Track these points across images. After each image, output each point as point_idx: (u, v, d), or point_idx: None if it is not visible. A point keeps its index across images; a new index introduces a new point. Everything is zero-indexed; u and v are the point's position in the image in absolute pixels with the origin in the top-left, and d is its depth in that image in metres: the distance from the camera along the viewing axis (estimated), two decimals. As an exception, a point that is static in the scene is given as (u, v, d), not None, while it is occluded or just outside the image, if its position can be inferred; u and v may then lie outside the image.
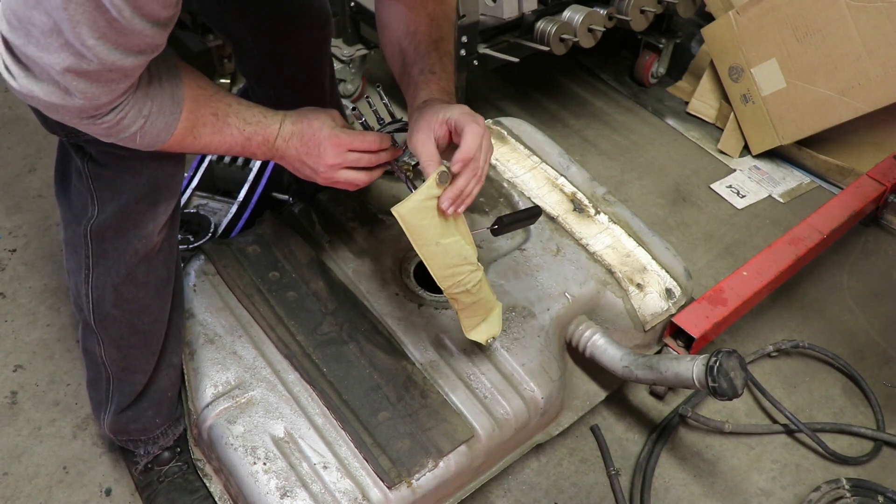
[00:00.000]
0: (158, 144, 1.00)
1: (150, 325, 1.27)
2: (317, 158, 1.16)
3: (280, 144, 1.15)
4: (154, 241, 1.17)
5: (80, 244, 1.15)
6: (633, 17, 2.27)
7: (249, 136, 1.10)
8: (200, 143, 1.06)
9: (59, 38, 0.77)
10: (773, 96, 2.31)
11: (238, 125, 1.09)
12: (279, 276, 1.54)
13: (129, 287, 1.19)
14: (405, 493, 1.27)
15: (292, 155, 1.16)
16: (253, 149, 1.13)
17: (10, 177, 2.20)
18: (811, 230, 1.85)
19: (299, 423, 1.33)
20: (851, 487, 1.52)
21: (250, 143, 1.11)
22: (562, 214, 1.75)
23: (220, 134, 1.07)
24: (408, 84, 1.25)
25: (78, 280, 1.20)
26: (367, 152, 1.19)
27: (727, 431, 1.64)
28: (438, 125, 1.13)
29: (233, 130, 1.08)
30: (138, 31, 0.79)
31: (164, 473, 1.43)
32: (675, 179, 2.37)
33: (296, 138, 1.15)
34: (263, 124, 1.12)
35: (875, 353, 1.87)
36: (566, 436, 1.63)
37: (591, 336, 1.55)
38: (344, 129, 1.18)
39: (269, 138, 1.13)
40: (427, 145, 1.13)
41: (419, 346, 1.46)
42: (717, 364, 1.31)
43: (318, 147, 1.16)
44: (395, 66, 1.30)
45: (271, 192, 1.99)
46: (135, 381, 1.32)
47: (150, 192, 1.11)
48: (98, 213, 1.11)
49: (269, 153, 1.16)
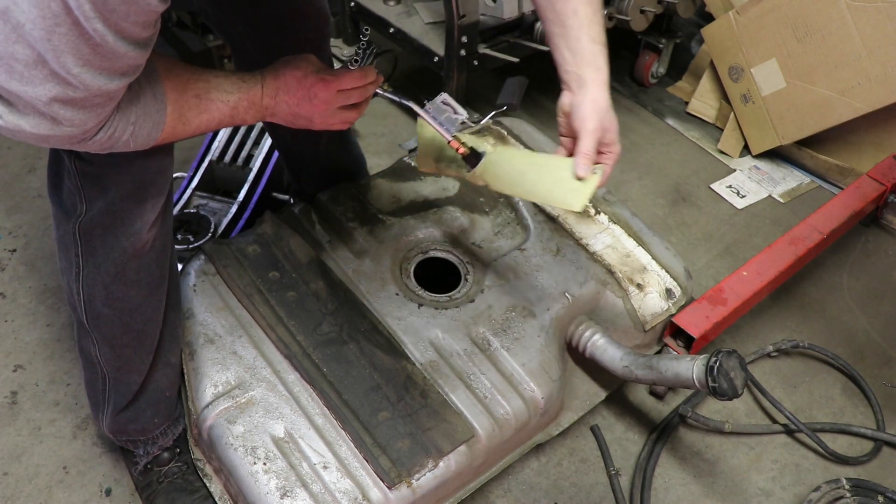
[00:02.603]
0: (152, 142, 1.01)
1: (144, 325, 1.26)
2: (309, 106, 1.17)
3: (268, 102, 1.15)
4: (143, 239, 1.16)
5: (70, 242, 1.15)
6: (632, 17, 2.28)
7: (235, 105, 1.11)
8: (192, 127, 1.06)
9: (44, 69, 0.77)
10: (773, 96, 2.31)
11: (221, 98, 1.09)
12: (279, 276, 1.54)
13: (120, 285, 1.19)
14: (405, 493, 1.27)
15: (284, 110, 1.17)
16: (243, 115, 1.13)
17: (9, 177, 2.20)
18: (811, 230, 1.85)
19: (299, 423, 1.33)
20: (851, 487, 1.52)
21: (238, 110, 1.12)
22: (562, 214, 1.75)
23: (208, 112, 1.07)
24: (571, 48, 1.17)
25: (70, 278, 1.19)
26: (355, 89, 1.21)
27: (727, 431, 1.64)
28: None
29: (218, 105, 1.08)
30: (121, 54, 0.79)
31: (163, 474, 1.43)
32: (675, 179, 2.37)
33: (282, 92, 1.15)
34: (245, 88, 1.12)
35: (875, 352, 1.87)
36: (566, 436, 1.63)
37: (591, 336, 1.55)
38: (327, 70, 1.19)
39: (255, 100, 1.13)
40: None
41: (419, 346, 1.46)
42: (717, 364, 1.31)
43: (307, 94, 1.16)
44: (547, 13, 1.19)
45: (271, 192, 1.99)
46: (130, 381, 1.32)
47: (136, 189, 1.10)
48: (86, 211, 1.11)
49: (260, 114, 1.16)
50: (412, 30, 2.36)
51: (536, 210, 1.74)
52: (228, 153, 2.03)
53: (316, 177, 1.80)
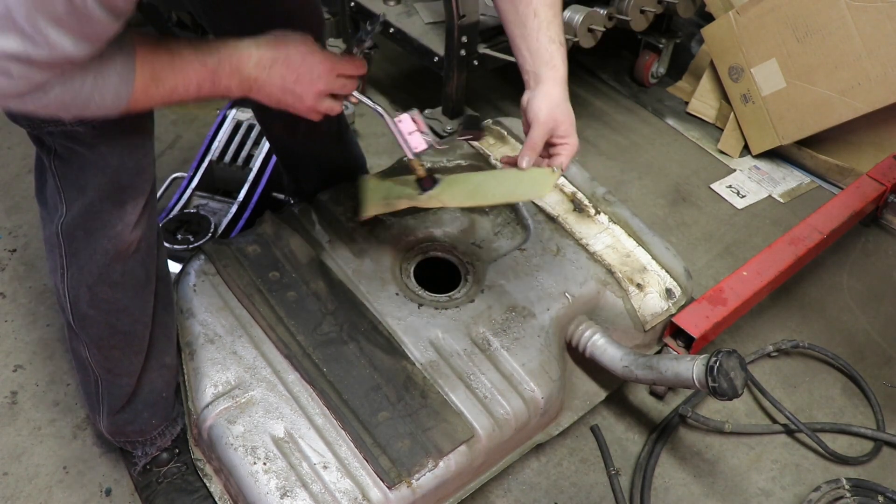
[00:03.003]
0: (122, 101, 0.94)
1: (131, 326, 1.25)
2: (307, 85, 1.12)
3: (256, 73, 1.08)
4: (126, 240, 1.14)
5: (55, 243, 1.14)
6: (633, 17, 2.27)
7: (215, 69, 1.04)
8: (166, 89, 0.99)
9: (9, 22, 0.74)
10: (773, 96, 2.31)
11: (199, 59, 1.02)
12: (279, 276, 1.54)
13: (104, 287, 1.17)
14: (405, 493, 1.27)
15: (275, 83, 1.10)
16: (224, 81, 1.06)
17: (9, 177, 2.20)
18: (811, 230, 1.85)
19: (299, 423, 1.33)
20: (851, 487, 1.52)
21: (218, 76, 1.04)
22: (562, 214, 1.75)
23: (183, 73, 1.00)
24: (531, 48, 1.21)
25: (56, 279, 1.19)
26: (350, 77, 1.18)
27: (727, 431, 1.64)
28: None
29: (195, 66, 1.02)
30: (96, 19, 0.76)
31: (163, 474, 1.43)
32: (675, 179, 2.37)
33: (280, 64, 1.09)
34: (228, 52, 1.05)
35: (875, 353, 1.87)
36: (566, 436, 1.63)
37: (591, 336, 1.55)
38: (328, 52, 1.16)
39: (240, 66, 1.06)
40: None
41: (419, 346, 1.46)
42: (717, 364, 1.31)
43: (309, 72, 1.11)
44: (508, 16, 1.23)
45: (271, 192, 1.99)
46: (122, 383, 1.31)
47: (114, 190, 1.08)
48: (67, 212, 1.10)
49: (244, 85, 1.08)
50: (412, 30, 2.36)
51: (536, 210, 1.74)
52: (228, 153, 2.03)
53: (315, 177, 1.80)
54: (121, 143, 1.06)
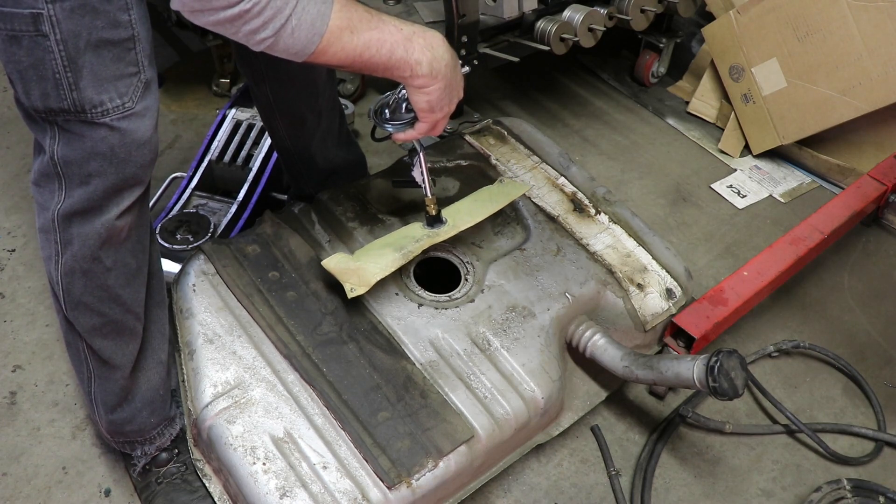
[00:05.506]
0: (316, 37, 0.97)
1: (122, 315, 1.25)
2: (457, 92, 1.21)
3: (447, 60, 1.14)
4: (117, 226, 1.15)
5: (50, 229, 1.15)
6: (633, 16, 2.27)
7: (410, 37, 1.09)
8: (361, 42, 1.02)
9: None
10: (774, 96, 2.31)
11: (394, 22, 1.06)
12: (279, 276, 1.54)
13: (97, 272, 1.19)
14: (405, 494, 1.26)
15: (447, 78, 1.16)
16: (416, 54, 1.10)
17: (9, 177, 2.20)
18: (812, 230, 1.85)
19: (299, 423, 1.33)
20: (852, 488, 1.52)
21: (412, 44, 1.09)
22: (562, 214, 1.75)
23: (379, 30, 1.04)
24: None
25: (50, 267, 1.20)
26: None
27: (728, 432, 1.64)
28: None
29: (391, 28, 1.06)
30: None
31: (162, 474, 1.43)
32: (676, 179, 2.37)
33: (452, 65, 1.17)
34: (420, 28, 1.11)
35: (876, 353, 1.86)
36: (566, 436, 1.62)
37: (592, 336, 1.55)
38: None
39: (433, 45, 1.12)
40: None
41: (419, 346, 1.46)
42: (717, 364, 1.30)
43: (459, 83, 1.22)
44: None
45: (271, 192, 1.99)
46: (115, 377, 1.32)
47: (118, 181, 1.10)
48: (65, 199, 1.11)
49: (431, 65, 1.13)
50: (412, 29, 2.36)
51: (536, 210, 1.74)
52: (228, 153, 2.03)
53: (316, 177, 1.80)
54: (131, 136, 1.07)
